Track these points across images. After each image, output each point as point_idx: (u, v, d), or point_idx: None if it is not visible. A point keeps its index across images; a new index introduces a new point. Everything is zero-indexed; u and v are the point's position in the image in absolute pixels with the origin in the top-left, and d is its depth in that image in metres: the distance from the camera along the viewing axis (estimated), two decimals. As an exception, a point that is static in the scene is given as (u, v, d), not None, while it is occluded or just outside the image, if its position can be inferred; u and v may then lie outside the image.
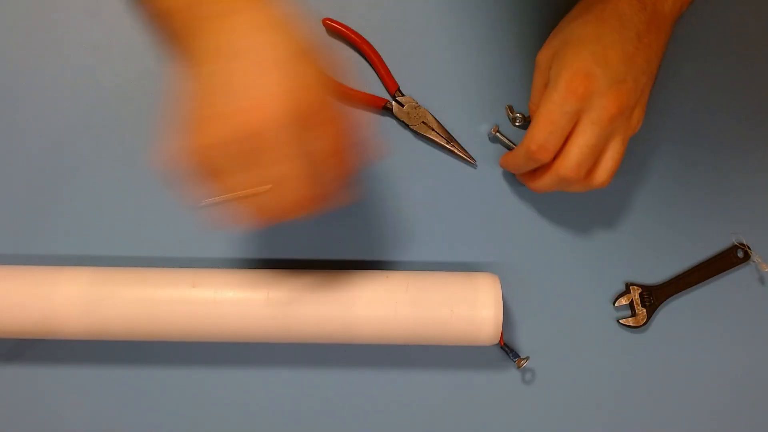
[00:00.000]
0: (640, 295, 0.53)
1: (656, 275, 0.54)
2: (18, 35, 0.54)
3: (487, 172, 0.54)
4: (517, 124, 0.54)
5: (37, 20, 0.54)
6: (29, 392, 0.52)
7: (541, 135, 0.45)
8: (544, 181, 0.48)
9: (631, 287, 0.53)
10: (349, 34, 0.54)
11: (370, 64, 0.54)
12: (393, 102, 0.53)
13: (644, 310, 0.53)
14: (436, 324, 0.47)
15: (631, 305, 0.53)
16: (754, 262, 0.54)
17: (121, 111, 0.53)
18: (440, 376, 0.52)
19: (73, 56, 0.54)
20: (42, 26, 0.54)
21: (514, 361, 0.51)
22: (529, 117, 0.54)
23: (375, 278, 0.49)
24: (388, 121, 0.54)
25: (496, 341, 0.48)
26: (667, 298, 0.53)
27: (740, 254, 0.53)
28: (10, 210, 0.52)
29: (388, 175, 0.53)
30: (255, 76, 0.36)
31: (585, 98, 0.44)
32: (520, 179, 0.52)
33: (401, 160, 0.53)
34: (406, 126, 0.54)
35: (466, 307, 0.47)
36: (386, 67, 0.54)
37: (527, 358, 0.51)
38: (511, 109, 0.54)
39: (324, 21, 0.53)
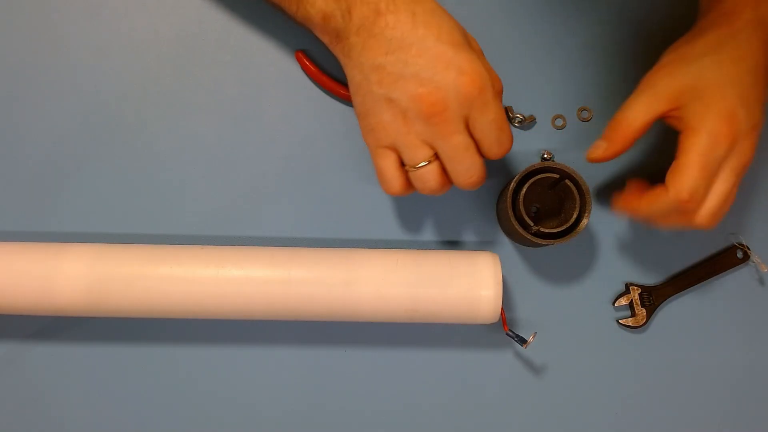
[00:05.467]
0: (640, 295, 0.53)
1: (656, 275, 0.54)
2: (18, 35, 0.54)
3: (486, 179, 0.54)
4: (516, 124, 0.54)
5: (37, 20, 0.54)
6: (26, 370, 0.52)
7: (695, 183, 0.43)
8: (670, 223, 0.47)
9: (630, 287, 0.53)
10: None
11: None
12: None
13: (644, 311, 0.53)
14: (436, 301, 0.48)
15: (630, 305, 0.53)
16: (753, 262, 0.54)
17: (121, 110, 0.53)
18: (439, 359, 0.53)
19: (73, 56, 0.54)
20: (42, 26, 0.54)
21: (522, 345, 0.50)
22: (528, 117, 0.54)
23: (377, 256, 0.49)
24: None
25: (496, 318, 0.48)
26: (666, 299, 0.53)
27: (739, 255, 0.54)
28: (16, 188, 0.53)
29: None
30: (424, 66, 0.41)
31: (733, 143, 0.43)
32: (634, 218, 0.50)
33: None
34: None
35: (466, 282, 0.47)
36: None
37: (534, 334, 0.51)
38: (510, 110, 0.54)
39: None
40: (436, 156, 0.44)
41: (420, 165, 0.44)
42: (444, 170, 0.45)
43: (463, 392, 0.53)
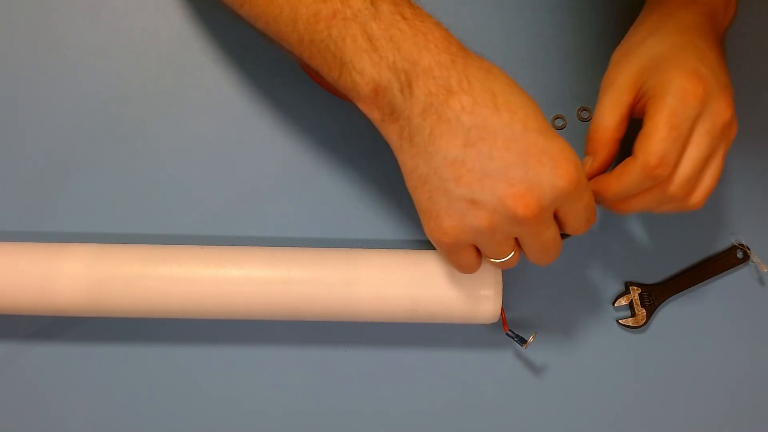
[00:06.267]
0: (640, 295, 0.53)
1: (656, 275, 0.54)
2: (18, 35, 0.54)
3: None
4: None
5: (37, 20, 0.54)
6: (26, 370, 0.52)
7: (663, 145, 0.39)
8: (644, 201, 0.43)
9: (630, 287, 0.53)
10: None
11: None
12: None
13: (644, 311, 0.53)
14: (436, 301, 0.47)
15: (630, 305, 0.53)
16: (753, 262, 0.54)
17: (121, 110, 0.53)
18: (439, 359, 0.53)
19: (73, 56, 0.54)
20: (42, 26, 0.54)
21: (522, 345, 0.50)
22: None
23: (377, 256, 0.49)
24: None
25: (496, 318, 0.48)
26: (666, 299, 0.53)
27: (740, 255, 0.54)
28: (16, 188, 0.53)
29: (390, 168, 0.54)
30: (513, 161, 0.35)
31: (704, 101, 0.39)
32: (605, 203, 0.45)
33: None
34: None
35: (466, 283, 0.47)
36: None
37: (534, 334, 0.51)
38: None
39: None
40: (517, 242, 0.40)
41: (504, 259, 0.41)
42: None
43: (463, 392, 0.53)
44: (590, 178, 0.44)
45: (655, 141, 0.39)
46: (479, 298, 0.47)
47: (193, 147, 0.53)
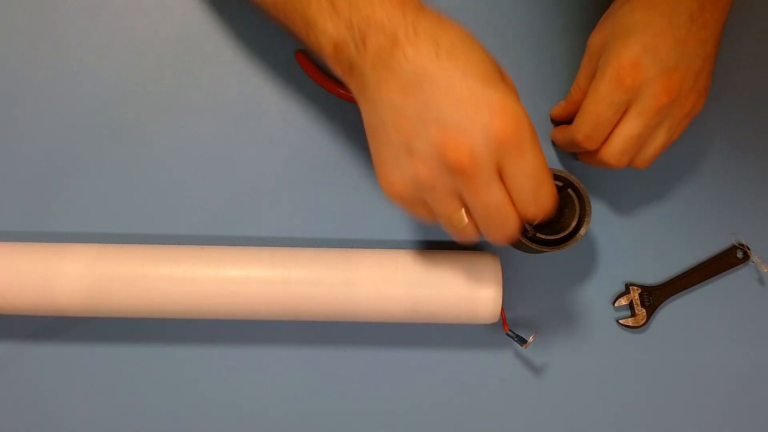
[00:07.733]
0: (640, 295, 0.53)
1: (656, 275, 0.54)
2: (18, 35, 0.54)
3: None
4: None
5: (37, 20, 0.54)
6: (26, 370, 0.52)
7: (587, 127, 0.46)
8: (586, 159, 0.51)
9: (630, 287, 0.53)
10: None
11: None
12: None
13: (644, 311, 0.53)
14: (436, 301, 0.48)
15: (630, 305, 0.53)
16: (753, 262, 0.54)
17: (121, 110, 0.53)
18: (439, 359, 0.53)
19: (73, 56, 0.54)
20: (42, 26, 0.54)
21: (522, 345, 0.50)
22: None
23: (377, 256, 0.49)
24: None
25: (496, 319, 0.48)
26: (666, 299, 0.53)
27: (740, 255, 0.54)
28: (16, 188, 0.53)
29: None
30: (448, 108, 0.35)
31: (632, 89, 0.44)
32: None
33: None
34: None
35: (466, 283, 0.47)
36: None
37: (534, 334, 0.51)
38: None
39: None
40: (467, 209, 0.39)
41: (452, 219, 0.39)
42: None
43: (463, 392, 0.53)
44: (556, 117, 0.53)
45: (582, 123, 0.46)
46: (479, 298, 0.47)
47: (193, 147, 0.53)
